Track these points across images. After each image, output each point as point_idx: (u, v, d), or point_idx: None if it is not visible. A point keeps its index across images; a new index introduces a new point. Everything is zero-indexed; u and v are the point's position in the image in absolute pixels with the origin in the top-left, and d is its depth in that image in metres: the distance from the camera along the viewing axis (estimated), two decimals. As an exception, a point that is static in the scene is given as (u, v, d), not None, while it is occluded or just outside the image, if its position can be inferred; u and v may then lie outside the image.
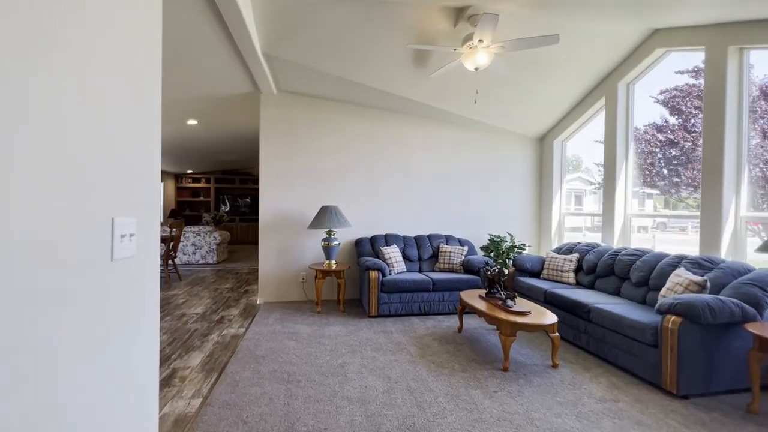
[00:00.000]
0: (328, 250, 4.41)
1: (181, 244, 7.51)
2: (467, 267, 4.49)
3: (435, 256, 4.82)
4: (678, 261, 3.15)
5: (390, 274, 4.32)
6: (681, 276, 2.86)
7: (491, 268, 3.43)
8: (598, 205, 5.44)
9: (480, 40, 3.09)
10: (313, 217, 4.83)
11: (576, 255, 4.14)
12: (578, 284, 4.02)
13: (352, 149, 4.98)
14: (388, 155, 5.08)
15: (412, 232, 5.14)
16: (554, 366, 2.89)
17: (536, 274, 4.35)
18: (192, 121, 5.85)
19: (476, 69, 3.29)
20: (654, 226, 4.51)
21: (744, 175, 3.05)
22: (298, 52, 3.72)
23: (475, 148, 5.34)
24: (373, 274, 4.07)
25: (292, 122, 4.82)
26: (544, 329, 2.81)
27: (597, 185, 5.05)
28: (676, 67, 3.89)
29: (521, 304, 3.17)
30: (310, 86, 4.55)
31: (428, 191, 5.21)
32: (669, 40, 3.50)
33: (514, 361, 2.98)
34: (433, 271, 4.68)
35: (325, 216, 4.34)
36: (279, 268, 4.82)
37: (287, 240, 4.82)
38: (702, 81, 3.76)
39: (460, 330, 3.68)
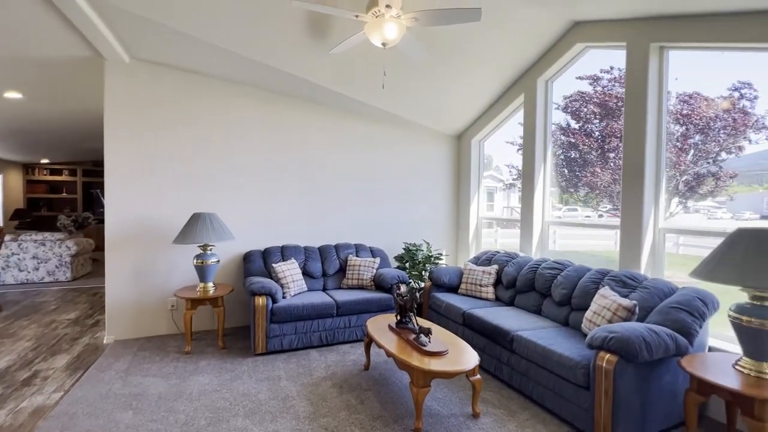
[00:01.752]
0: (202, 270, 3.41)
1: (15, 258, 5.70)
2: (379, 283, 3.85)
3: (343, 269, 4.10)
4: (601, 277, 2.86)
5: (285, 297, 3.48)
6: (608, 298, 2.54)
7: (403, 294, 2.81)
8: (507, 201, 5.39)
9: (387, 6, 2.41)
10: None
11: (495, 267, 3.76)
12: (498, 299, 3.64)
13: (240, 140, 3.99)
14: (288, 149, 4.21)
15: (316, 242, 4.34)
16: (475, 415, 2.37)
17: (454, 289, 3.88)
18: (14, 94, 4.28)
19: (384, 45, 2.61)
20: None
21: (662, 183, 2.86)
22: (146, 3, 2.66)
23: (390, 145, 4.72)
24: (260, 300, 3.20)
25: (154, 102, 3.66)
26: (464, 374, 2.26)
27: (508, 184, 5.18)
28: (590, 67, 3.71)
29: (437, 337, 2.60)
30: (180, 56, 3.46)
31: (336, 193, 4.46)
32: (590, 35, 3.22)
33: (428, 412, 2.40)
34: (340, 288, 3.96)
35: (196, 226, 3.33)
36: (138, 293, 3.66)
37: (149, 257, 3.68)
38: (600, 88, 3.78)
39: (366, 367, 3.02)
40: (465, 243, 5.00)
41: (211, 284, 3.47)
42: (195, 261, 3.40)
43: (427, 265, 4.34)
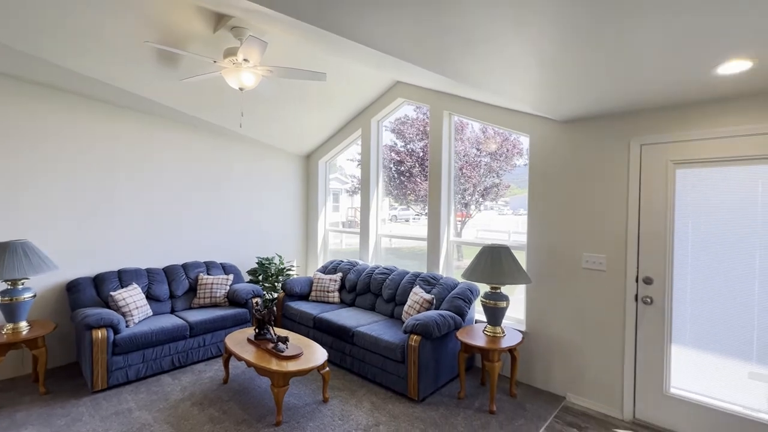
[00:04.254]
0: (12, 309, 2.93)
1: None
2: (233, 299, 4.03)
3: (193, 289, 4.08)
4: (415, 278, 3.87)
5: (128, 325, 3.32)
6: (418, 294, 3.52)
7: (261, 309, 3.17)
8: (351, 202, 6.27)
9: (245, 60, 2.74)
10: (-23, 257, 3.10)
11: (339, 274, 4.45)
12: (342, 302, 4.34)
13: (62, 153, 3.50)
14: (123, 164, 3.89)
15: (160, 263, 4.16)
16: (325, 400, 2.96)
17: (305, 297, 4.40)
18: None
19: (241, 89, 2.91)
20: (389, 219, 5.56)
21: (452, 208, 4.07)
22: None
23: (240, 161, 4.86)
24: (100, 333, 3.00)
25: None
26: (316, 369, 2.81)
27: (351, 190, 6.15)
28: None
29: (293, 342, 3.08)
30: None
31: (183, 210, 4.34)
32: (406, 93, 4.22)
33: (287, 407, 2.86)
34: (191, 308, 3.95)
35: (3, 259, 2.85)
36: None
37: None
38: (419, 115, 5.05)
39: (226, 381, 3.24)
40: (314, 252, 5.57)
41: (24, 323, 3.01)
42: (1, 299, 2.89)
43: (279, 277, 4.71)
